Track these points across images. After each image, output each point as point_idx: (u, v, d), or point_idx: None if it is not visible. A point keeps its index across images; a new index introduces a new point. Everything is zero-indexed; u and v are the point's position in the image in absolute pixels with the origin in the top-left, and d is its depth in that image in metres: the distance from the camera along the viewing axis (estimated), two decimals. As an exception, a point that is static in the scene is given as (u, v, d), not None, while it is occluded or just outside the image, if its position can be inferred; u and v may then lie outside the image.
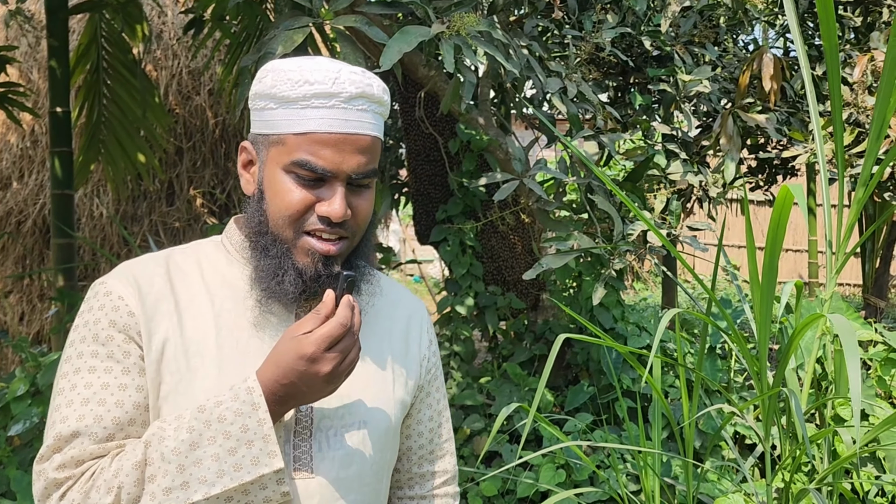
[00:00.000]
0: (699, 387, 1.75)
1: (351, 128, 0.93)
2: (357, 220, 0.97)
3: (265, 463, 0.87)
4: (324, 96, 0.92)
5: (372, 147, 0.96)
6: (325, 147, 0.92)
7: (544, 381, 1.46)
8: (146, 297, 0.95)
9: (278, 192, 0.94)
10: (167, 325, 0.95)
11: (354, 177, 0.94)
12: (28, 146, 5.61)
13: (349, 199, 0.95)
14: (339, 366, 0.89)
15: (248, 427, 0.87)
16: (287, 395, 0.89)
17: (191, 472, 0.86)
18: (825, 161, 1.70)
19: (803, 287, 1.75)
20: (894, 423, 1.44)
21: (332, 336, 0.88)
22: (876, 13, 3.53)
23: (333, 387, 0.91)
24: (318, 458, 0.97)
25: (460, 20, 1.73)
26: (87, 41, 3.91)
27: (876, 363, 3.17)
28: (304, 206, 0.94)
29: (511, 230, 3.48)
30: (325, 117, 0.92)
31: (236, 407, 0.88)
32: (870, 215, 4.85)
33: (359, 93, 0.93)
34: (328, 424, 0.99)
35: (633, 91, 3.28)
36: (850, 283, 9.43)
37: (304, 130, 0.92)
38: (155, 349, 0.93)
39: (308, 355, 0.87)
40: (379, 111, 0.97)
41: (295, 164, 0.93)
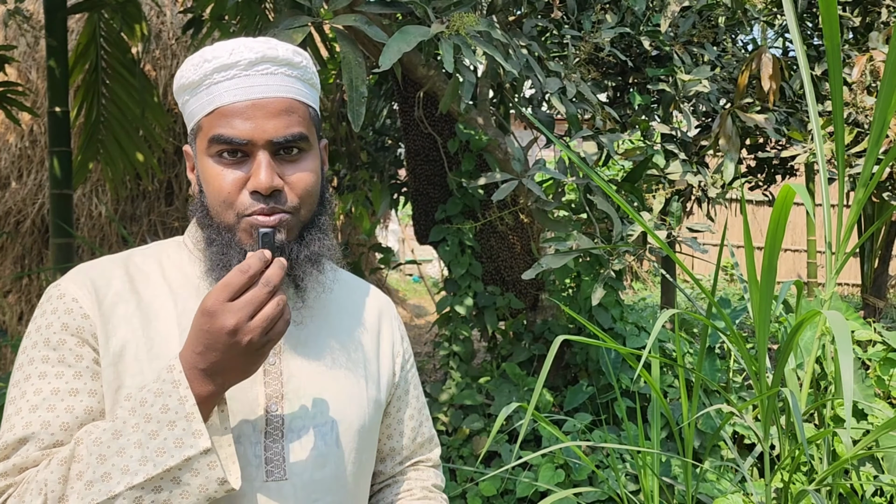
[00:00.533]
0: (698, 387, 1.75)
1: (257, 93, 0.90)
2: (296, 192, 0.92)
3: (190, 444, 0.79)
4: (223, 69, 0.90)
5: (289, 109, 0.91)
6: (235, 117, 0.89)
7: (542, 381, 1.46)
8: (103, 298, 0.92)
9: (209, 180, 0.91)
10: (127, 326, 0.92)
11: (276, 142, 0.89)
12: (27, 146, 5.61)
13: (281, 170, 0.91)
14: (249, 321, 0.79)
15: (170, 406, 0.80)
16: (209, 367, 0.81)
17: (113, 462, 0.79)
18: (824, 161, 1.70)
19: (803, 287, 1.75)
20: (894, 425, 1.44)
21: (228, 284, 0.80)
22: (875, 13, 3.53)
23: (251, 347, 0.80)
24: (291, 459, 0.94)
25: (459, 20, 1.73)
26: (86, 41, 3.90)
27: (875, 363, 3.17)
28: (235, 187, 0.90)
29: (510, 230, 3.48)
30: (228, 89, 0.90)
31: (157, 387, 0.81)
32: (869, 215, 4.85)
33: (259, 57, 0.90)
34: (300, 425, 0.95)
35: (632, 91, 3.28)
36: (849, 283, 9.44)
37: (211, 108, 0.90)
38: (112, 352, 0.90)
39: (207, 309, 0.80)
40: (292, 73, 0.93)
41: (213, 143, 0.90)
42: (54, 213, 3.43)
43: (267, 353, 0.83)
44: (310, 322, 1.02)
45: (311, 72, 0.97)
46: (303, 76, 0.95)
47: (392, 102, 4.38)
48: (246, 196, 0.90)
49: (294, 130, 0.91)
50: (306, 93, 0.95)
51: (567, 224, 2.60)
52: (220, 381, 0.82)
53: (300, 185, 0.92)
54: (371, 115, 4.45)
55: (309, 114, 0.95)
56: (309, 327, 1.02)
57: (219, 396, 0.83)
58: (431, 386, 3.56)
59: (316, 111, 0.99)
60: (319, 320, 1.03)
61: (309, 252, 0.94)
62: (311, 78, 0.97)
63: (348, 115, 1.63)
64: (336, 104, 4.64)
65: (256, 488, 0.91)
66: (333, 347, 1.03)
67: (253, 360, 0.82)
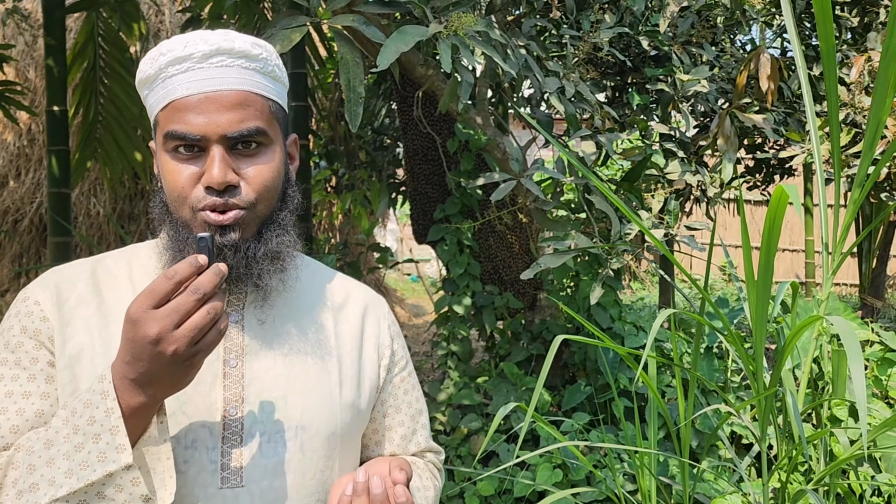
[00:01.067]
0: (695, 386, 1.75)
1: (211, 86, 0.87)
2: (253, 188, 0.89)
3: (112, 459, 0.76)
4: (177, 62, 0.87)
5: (245, 102, 0.88)
6: (188, 111, 0.86)
7: (542, 381, 1.46)
8: (65, 302, 0.91)
9: (166, 175, 0.89)
10: (86, 329, 0.90)
11: (230, 136, 0.87)
12: (25, 144, 5.61)
13: (238, 166, 0.89)
14: (175, 330, 0.75)
15: (96, 418, 0.77)
16: (138, 378, 0.77)
17: (41, 472, 0.77)
18: (822, 161, 1.70)
19: (800, 287, 1.75)
20: (892, 424, 1.44)
21: (153, 290, 0.75)
22: (873, 13, 3.53)
23: (177, 358, 0.76)
24: (249, 466, 0.90)
25: (458, 20, 1.73)
26: (84, 40, 3.90)
27: (872, 363, 3.17)
28: (190, 182, 0.88)
29: (509, 230, 3.48)
30: (182, 82, 0.87)
31: (87, 398, 0.79)
32: (866, 215, 4.85)
33: (213, 50, 0.88)
34: (261, 430, 0.92)
35: (630, 91, 3.28)
36: (846, 283, 9.45)
37: (165, 102, 0.88)
38: (69, 355, 0.88)
39: (130, 316, 0.76)
40: (249, 66, 0.90)
41: (167, 139, 0.88)
42: (52, 211, 3.42)
43: (199, 364, 0.79)
44: (278, 322, 0.98)
45: (273, 64, 0.94)
46: (263, 68, 0.92)
47: (391, 102, 4.38)
48: (200, 190, 0.88)
49: (250, 125, 0.88)
50: (266, 85, 0.92)
51: (566, 223, 2.60)
52: (151, 392, 0.78)
53: (257, 180, 0.90)
54: (370, 114, 4.45)
55: (269, 107, 0.92)
56: (276, 327, 0.98)
57: (153, 408, 0.79)
58: (429, 385, 3.56)
59: (279, 105, 0.95)
60: (288, 320, 0.99)
61: (267, 249, 0.91)
62: (273, 70, 0.94)
63: (346, 115, 1.63)
64: (335, 104, 4.64)
65: (210, 495, 0.88)
66: (303, 349, 0.98)
67: (184, 372, 0.78)
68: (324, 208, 6.02)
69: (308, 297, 1.04)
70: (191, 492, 0.88)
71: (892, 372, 3.10)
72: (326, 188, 4.96)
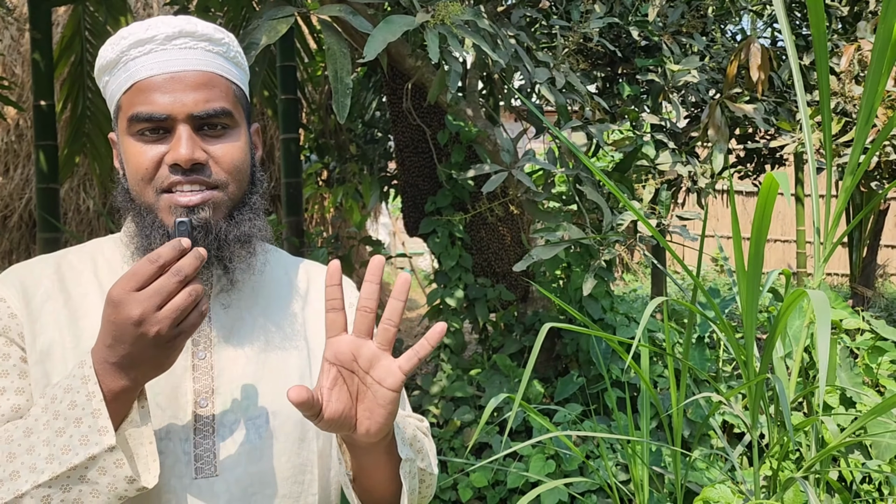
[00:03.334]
0: (686, 376, 1.75)
1: (175, 66, 0.87)
2: (223, 167, 0.89)
3: (95, 441, 0.76)
4: (139, 44, 0.87)
5: (211, 83, 0.88)
6: (152, 92, 0.86)
7: (530, 370, 1.46)
8: (32, 298, 0.90)
9: (129, 159, 0.88)
10: (55, 325, 0.90)
11: (197, 115, 0.87)
12: (13, 140, 5.57)
13: (206, 146, 0.88)
14: (157, 311, 0.75)
15: (77, 403, 0.77)
16: (120, 360, 0.77)
17: (22, 460, 0.78)
18: (813, 150, 1.70)
19: (791, 276, 1.76)
20: (881, 411, 1.45)
21: (136, 273, 0.75)
22: (863, 2, 3.54)
23: (160, 339, 0.76)
24: (223, 455, 0.90)
25: (445, 9, 1.71)
26: (71, 33, 3.87)
27: (863, 352, 3.18)
28: (154, 163, 0.87)
29: (500, 221, 3.47)
30: (144, 64, 0.87)
31: (67, 383, 0.79)
32: (857, 204, 4.87)
33: (176, 32, 0.88)
34: (232, 419, 0.92)
35: (621, 81, 3.28)
36: (837, 273, 9.49)
37: (129, 84, 0.87)
38: (39, 350, 0.88)
39: (112, 298, 0.76)
40: (213, 49, 0.90)
41: (132, 121, 0.87)
42: (41, 207, 3.40)
43: (180, 345, 0.79)
44: (244, 308, 0.98)
45: (236, 50, 0.94)
46: (226, 53, 0.92)
47: (381, 94, 4.37)
48: (165, 170, 0.87)
49: (216, 105, 0.88)
50: (230, 70, 0.92)
51: (557, 215, 2.60)
52: (133, 376, 0.78)
53: (226, 160, 0.89)
54: (360, 107, 4.43)
55: (233, 91, 0.92)
56: (243, 314, 0.98)
57: (134, 391, 0.80)
58: (422, 378, 3.56)
59: (243, 91, 0.95)
60: (255, 306, 0.99)
61: (238, 232, 0.91)
62: (236, 56, 0.94)
63: (333, 107, 1.62)
64: (325, 97, 4.62)
65: (185, 486, 0.89)
66: (270, 334, 0.98)
67: (166, 354, 0.78)
68: (315, 202, 6.00)
69: (273, 284, 1.03)
70: (166, 482, 0.88)
71: (883, 360, 3.12)
72: (318, 182, 4.94)
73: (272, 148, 6.31)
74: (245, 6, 3.32)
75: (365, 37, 1.77)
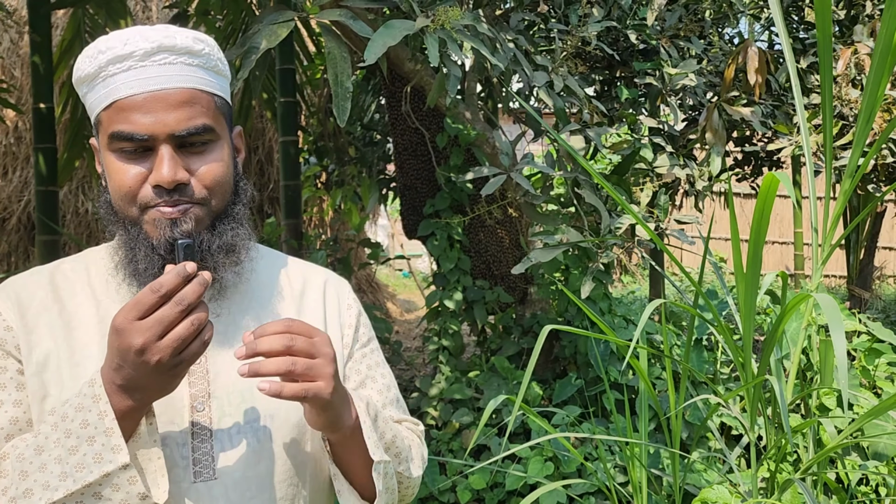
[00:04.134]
0: (686, 378, 1.76)
1: (154, 84, 0.86)
2: (204, 184, 0.89)
3: (109, 459, 0.78)
4: (118, 60, 0.86)
5: (192, 100, 0.87)
6: (133, 111, 0.85)
7: (530, 372, 1.47)
8: (27, 310, 0.91)
9: (112, 175, 0.88)
10: (50, 336, 0.90)
11: (178, 134, 0.86)
12: (12, 143, 5.57)
13: (187, 163, 0.88)
14: (158, 341, 0.76)
15: (89, 422, 0.78)
16: (125, 384, 0.78)
17: (34, 478, 0.79)
18: (811, 153, 1.71)
19: (789, 279, 1.76)
20: (878, 413, 1.46)
21: (138, 303, 0.76)
22: (859, 6, 3.55)
23: (161, 367, 0.77)
24: (221, 459, 0.91)
25: (444, 14, 1.73)
26: (71, 36, 3.87)
27: (860, 353, 3.20)
28: (137, 182, 0.87)
29: (498, 224, 3.48)
30: (124, 81, 0.86)
31: (78, 402, 0.80)
32: (853, 207, 4.89)
33: (155, 47, 0.86)
34: (229, 422, 0.93)
35: (619, 85, 3.29)
36: (835, 275, 9.51)
37: (108, 102, 0.87)
38: (36, 362, 0.89)
39: (115, 327, 0.77)
40: (192, 62, 0.89)
41: (112, 139, 0.86)
42: (40, 210, 3.40)
43: (183, 372, 0.80)
44: (236, 314, 0.99)
45: (216, 58, 0.93)
46: (206, 64, 0.91)
47: (380, 97, 4.38)
48: (148, 189, 0.87)
49: (197, 122, 0.87)
50: (210, 81, 0.91)
51: (555, 218, 2.61)
52: (138, 397, 0.80)
53: (208, 177, 0.89)
54: (359, 110, 4.44)
55: (215, 103, 0.91)
56: (236, 319, 0.98)
57: (141, 411, 0.81)
58: (421, 380, 3.57)
59: (224, 99, 0.95)
60: (247, 311, 1.00)
61: (221, 242, 0.91)
62: (216, 65, 0.93)
63: (333, 111, 1.63)
64: (324, 99, 4.62)
65: (184, 490, 0.89)
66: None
67: (168, 380, 0.80)
68: (314, 204, 6.01)
69: (266, 288, 1.04)
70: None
71: (880, 362, 3.13)
72: (316, 184, 4.95)
73: (271, 150, 6.32)
74: (245, 9, 3.33)
75: (364, 40, 1.78)
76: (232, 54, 1.86)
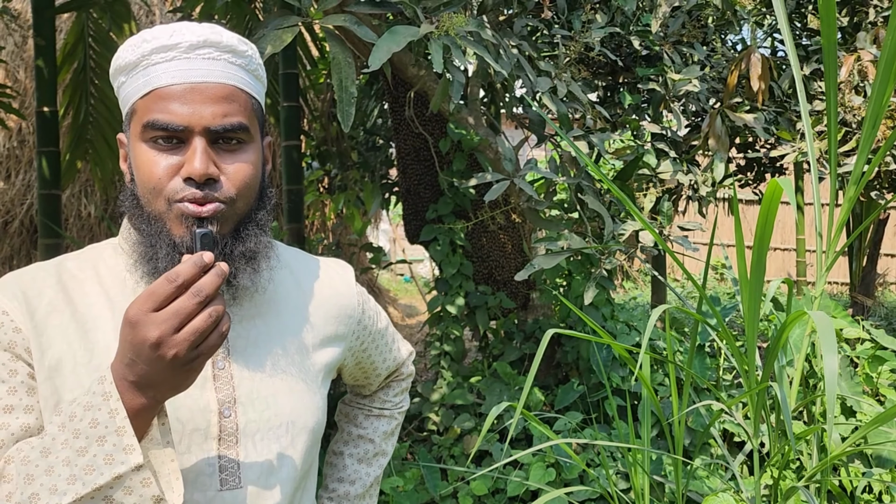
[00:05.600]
0: (689, 384, 1.75)
1: (197, 76, 0.85)
2: (234, 184, 0.87)
3: (120, 460, 0.73)
4: (162, 50, 0.85)
5: (231, 97, 0.87)
6: (172, 101, 0.84)
7: (532, 377, 1.47)
8: (35, 310, 0.87)
9: (140, 166, 0.86)
10: (63, 338, 0.87)
11: (214, 129, 0.85)
12: (15, 146, 5.58)
13: (219, 161, 0.86)
14: (175, 334, 0.72)
15: (99, 421, 0.74)
16: (139, 380, 0.74)
17: (41, 481, 0.74)
18: (815, 160, 1.71)
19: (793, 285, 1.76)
20: (882, 421, 1.45)
21: (153, 293, 0.72)
22: (862, 13, 3.55)
23: (177, 361, 0.73)
24: (246, 466, 0.90)
25: (449, 20, 1.73)
26: (74, 40, 3.88)
27: (863, 361, 3.19)
28: (168, 173, 0.85)
29: (501, 229, 3.48)
30: (166, 70, 0.85)
31: (87, 400, 0.75)
32: (856, 214, 4.88)
33: (201, 41, 0.86)
34: (254, 429, 0.92)
35: (622, 90, 3.29)
36: (837, 282, 9.50)
37: (147, 90, 0.85)
38: (48, 365, 0.85)
39: (129, 319, 0.73)
40: (236, 61, 0.89)
41: (147, 128, 0.84)
42: (43, 213, 3.41)
43: (200, 367, 0.76)
44: (257, 319, 0.98)
45: (257, 63, 0.93)
46: (247, 66, 0.91)
47: (383, 102, 4.38)
48: (178, 182, 0.85)
49: (234, 120, 0.86)
50: (250, 83, 0.91)
51: (558, 223, 2.60)
52: (151, 395, 0.75)
53: (238, 177, 0.87)
54: (362, 114, 4.44)
55: (251, 105, 0.91)
56: (257, 325, 0.97)
57: (153, 410, 0.77)
58: (422, 385, 3.56)
59: (260, 105, 0.94)
60: (267, 316, 0.99)
61: (244, 248, 0.89)
62: (257, 69, 0.93)
63: (337, 116, 1.63)
64: (327, 104, 4.63)
65: (210, 498, 0.88)
66: (282, 344, 0.98)
67: (184, 375, 0.75)
68: (316, 209, 6.01)
69: (281, 291, 1.03)
70: (190, 496, 0.87)
71: (883, 369, 3.12)
72: (319, 189, 4.95)
73: (274, 155, 6.33)
74: (249, 14, 3.34)
75: (369, 45, 1.78)
76: (236, 59, 1.86)
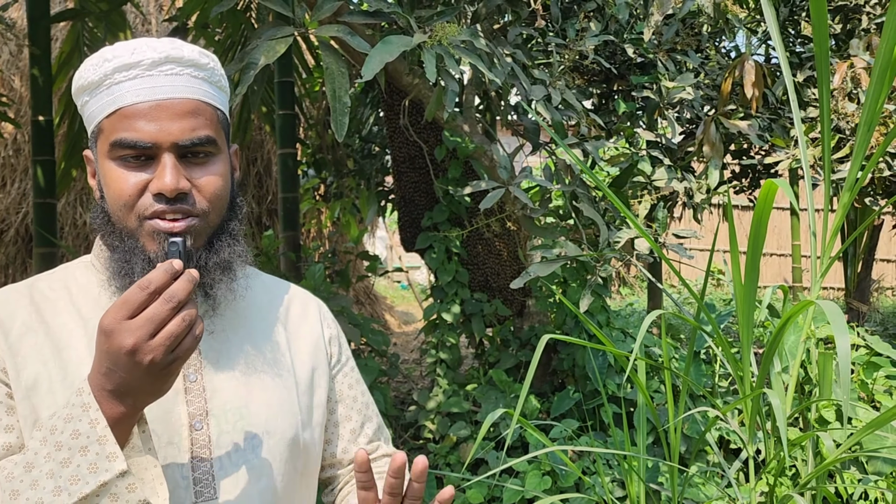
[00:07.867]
0: (685, 391, 1.75)
1: (161, 93, 0.86)
2: (205, 196, 0.88)
3: (105, 468, 0.75)
4: (125, 68, 0.86)
5: (196, 111, 0.88)
6: (138, 119, 0.85)
7: (528, 385, 1.47)
8: (9, 331, 0.88)
9: (110, 183, 0.87)
10: (38, 358, 0.88)
11: (182, 144, 0.86)
12: (10, 155, 5.58)
13: (189, 174, 0.87)
14: (150, 339, 0.73)
15: (80, 431, 0.75)
16: (117, 388, 0.75)
17: (26, 496, 0.75)
18: (808, 166, 1.72)
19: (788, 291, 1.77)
20: (877, 426, 1.45)
21: (127, 301, 0.73)
22: (855, 20, 3.58)
23: (154, 367, 0.74)
24: (220, 477, 0.90)
25: (442, 30, 1.73)
26: (70, 49, 3.88)
27: (858, 367, 3.19)
28: (137, 190, 0.86)
29: (497, 237, 3.48)
30: (130, 89, 0.86)
31: (66, 412, 0.76)
32: (851, 220, 4.90)
33: (163, 58, 0.87)
34: (228, 441, 0.92)
35: (616, 98, 3.30)
36: (833, 287, 9.52)
37: (112, 109, 0.86)
38: (25, 385, 0.86)
39: (104, 328, 0.74)
40: (198, 75, 0.90)
41: (115, 147, 0.86)
42: (38, 222, 3.40)
43: (176, 371, 0.77)
44: (230, 332, 0.99)
45: (220, 74, 0.94)
46: (210, 78, 0.92)
47: (378, 110, 4.39)
48: (148, 198, 0.86)
49: (201, 133, 0.88)
50: (214, 95, 0.92)
51: (554, 231, 2.61)
52: (130, 402, 0.76)
53: (209, 189, 0.89)
54: (357, 122, 4.45)
55: (217, 117, 0.92)
56: (230, 337, 0.98)
57: (133, 417, 0.78)
58: (419, 393, 3.56)
59: (225, 115, 0.96)
60: (240, 329, 1.00)
61: (218, 259, 0.91)
62: (220, 80, 0.94)
63: (332, 125, 1.63)
64: (322, 112, 4.64)
65: None
66: (256, 358, 0.99)
67: (162, 380, 0.76)
68: (312, 217, 6.01)
69: (256, 308, 1.04)
70: None
71: (878, 375, 3.12)
72: (315, 197, 4.95)
73: (269, 163, 6.33)
74: (244, 23, 3.34)
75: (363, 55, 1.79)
76: (231, 69, 1.87)
